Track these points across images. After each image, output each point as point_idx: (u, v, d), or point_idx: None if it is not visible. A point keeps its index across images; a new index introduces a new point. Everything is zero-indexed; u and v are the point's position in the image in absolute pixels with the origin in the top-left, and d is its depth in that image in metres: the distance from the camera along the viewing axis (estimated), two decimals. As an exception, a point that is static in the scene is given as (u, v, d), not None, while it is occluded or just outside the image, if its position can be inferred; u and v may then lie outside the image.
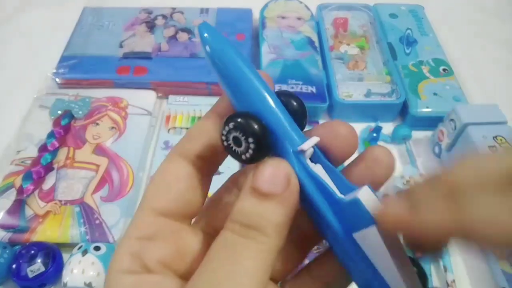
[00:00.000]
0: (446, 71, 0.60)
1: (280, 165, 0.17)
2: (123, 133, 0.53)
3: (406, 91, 0.57)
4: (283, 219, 0.17)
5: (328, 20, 0.66)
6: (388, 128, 0.57)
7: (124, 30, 0.65)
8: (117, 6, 0.69)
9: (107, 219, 0.45)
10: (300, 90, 0.56)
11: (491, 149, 0.46)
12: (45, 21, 0.70)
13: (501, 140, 0.47)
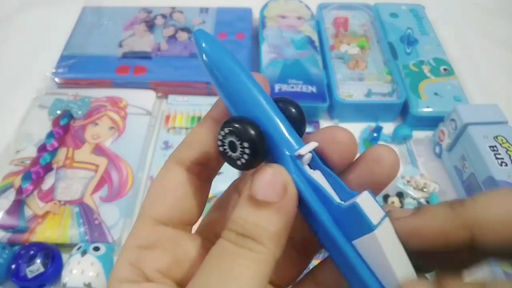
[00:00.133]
0: (447, 71, 0.60)
1: (278, 173, 0.17)
2: (123, 133, 0.53)
3: (407, 91, 0.57)
4: (280, 228, 0.16)
5: (329, 20, 0.66)
6: (389, 128, 0.57)
7: (124, 30, 0.64)
8: (117, 6, 0.69)
9: (107, 219, 0.45)
10: (300, 90, 0.56)
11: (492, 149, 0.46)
12: (45, 21, 0.70)
13: (502, 140, 0.47)
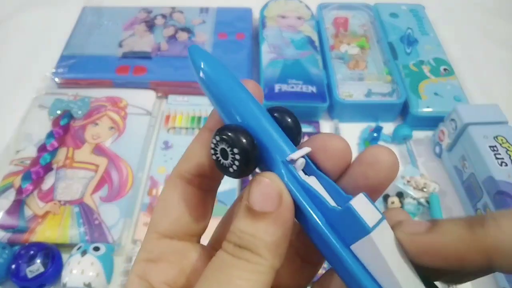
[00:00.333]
0: (447, 71, 0.60)
1: (272, 182, 0.16)
2: (123, 133, 0.53)
3: (407, 91, 0.57)
4: (277, 238, 0.16)
5: (329, 20, 0.66)
6: (389, 128, 0.57)
7: (124, 30, 0.64)
8: (117, 6, 0.69)
9: (107, 219, 0.45)
10: (300, 90, 0.56)
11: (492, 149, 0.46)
12: (45, 21, 0.70)
13: (502, 140, 0.47)
